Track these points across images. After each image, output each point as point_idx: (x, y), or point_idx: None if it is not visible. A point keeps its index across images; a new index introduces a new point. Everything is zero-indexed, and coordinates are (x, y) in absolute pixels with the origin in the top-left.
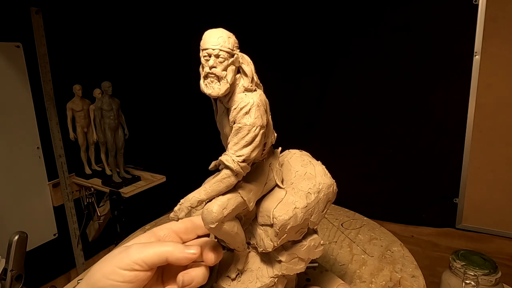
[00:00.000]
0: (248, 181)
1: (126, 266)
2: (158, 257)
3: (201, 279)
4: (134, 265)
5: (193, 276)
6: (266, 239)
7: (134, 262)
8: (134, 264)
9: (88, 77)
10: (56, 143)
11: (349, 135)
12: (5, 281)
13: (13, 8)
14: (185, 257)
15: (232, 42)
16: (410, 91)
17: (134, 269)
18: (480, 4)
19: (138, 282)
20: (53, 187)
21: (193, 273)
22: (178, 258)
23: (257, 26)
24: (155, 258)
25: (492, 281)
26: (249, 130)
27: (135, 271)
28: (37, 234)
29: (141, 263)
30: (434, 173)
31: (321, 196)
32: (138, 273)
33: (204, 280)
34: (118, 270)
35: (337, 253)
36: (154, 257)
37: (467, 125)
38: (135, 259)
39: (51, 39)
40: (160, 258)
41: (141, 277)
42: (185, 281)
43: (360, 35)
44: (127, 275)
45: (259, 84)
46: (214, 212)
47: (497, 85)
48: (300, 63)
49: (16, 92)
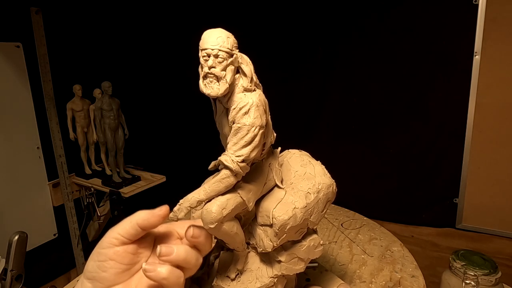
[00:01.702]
0: (248, 181)
1: (105, 244)
2: (130, 224)
3: (183, 255)
4: (112, 240)
5: (172, 248)
6: (265, 239)
7: (111, 238)
8: (112, 239)
9: (88, 77)
10: (56, 143)
11: (349, 135)
12: (5, 281)
13: (13, 8)
14: (153, 214)
15: (231, 42)
16: (410, 91)
17: (113, 244)
18: (480, 4)
19: (119, 257)
20: (53, 187)
21: (174, 246)
22: (145, 218)
23: (257, 26)
24: (128, 227)
25: (492, 281)
26: (249, 130)
27: (114, 247)
28: (37, 234)
29: (117, 236)
30: (434, 173)
31: (320, 196)
32: (117, 249)
33: (191, 260)
34: (100, 250)
35: (337, 253)
36: (126, 227)
37: (467, 125)
38: (112, 235)
39: (51, 39)
40: (131, 225)
41: (121, 253)
42: (163, 251)
43: (360, 35)
44: (107, 252)
45: (258, 84)
46: (214, 212)
47: (497, 85)
48: (299, 63)
49: (16, 92)
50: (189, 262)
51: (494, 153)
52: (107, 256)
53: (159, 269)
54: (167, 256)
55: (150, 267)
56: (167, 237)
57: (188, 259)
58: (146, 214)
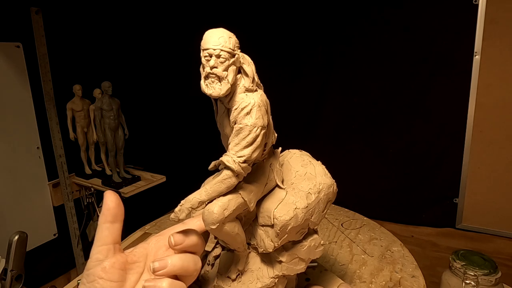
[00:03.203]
0: (249, 182)
1: (91, 264)
2: (99, 231)
3: (178, 264)
4: (97, 256)
5: (166, 260)
6: (266, 239)
7: (95, 254)
8: (96, 255)
9: (88, 77)
10: (56, 143)
11: (349, 135)
12: (5, 281)
13: (13, 8)
14: (107, 207)
15: (233, 42)
16: (410, 91)
17: (98, 260)
18: (480, 4)
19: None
20: (53, 187)
21: (168, 258)
22: (106, 214)
23: (258, 26)
24: (99, 235)
25: (492, 281)
26: (250, 130)
27: (101, 263)
28: (37, 234)
29: (99, 250)
30: (434, 173)
31: (321, 196)
32: (104, 265)
33: (188, 266)
34: (88, 272)
35: (337, 253)
36: (99, 236)
37: (467, 125)
38: (93, 253)
39: (51, 39)
40: (100, 229)
41: (108, 269)
42: (156, 267)
43: (360, 35)
44: (95, 272)
45: (259, 84)
46: (215, 213)
47: (497, 85)
48: (300, 63)
49: (16, 92)
50: (187, 269)
51: (494, 153)
52: (96, 275)
53: (159, 284)
54: (163, 270)
55: (149, 284)
56: (159, 249)
57: (185, 266)
58: (103, 212)
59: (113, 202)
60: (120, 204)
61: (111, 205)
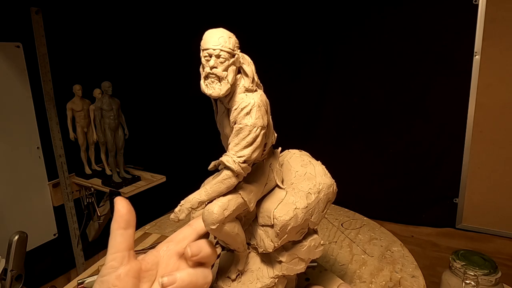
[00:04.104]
0: (249, 182)
1: (106, 271)
2: (113, 237)
3: (187, 280)
4: (112, 264)
5: (174, 276)
6: (266, 239)
7: (110, 262)
8: (111, 263)
9: (88, 77)
10: (56, 143)
11: (349, 135)
12: (5, 281)
13: (13, 8)
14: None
15: (233, 42)
16: (410, 91)
17: (113, 267)
18: (480, 4)
19: (122, 283)
20: (53, 187)
21: (177, 273)
22: (118, 221)
23: (258, 26)
24: (113, 241)
25: (492, 281)
26: (250, 130)
27: (116, 270)
28: (37, 234)
29: (114, 257)
30: (434, 173)
31: (321, 196)
32: (119, 272)
33: (197, 281)
34: (102, 279)
35: (337, 253)
36: (113, 242)
37: (467, 125)
38: (108, 260)
39: (51, 39)
40: (114, 235)
41: (123, 277)
42: (165, 282)
43: (360, 35)
44: (109, 279)
45: (259, 85)
46: (215, 213)
47: (497, 85)
48: (300, 63)
49: (16, 92)
50: (195, 284)
51: (494, 153)
52: (110, 283)
53: None
54: (171, 286)
55: None
56: (170, 257)
57: (194, 281)
58: (115, 218)
59: (124, 208)
60: (131, 210)
61: (123, 211)
